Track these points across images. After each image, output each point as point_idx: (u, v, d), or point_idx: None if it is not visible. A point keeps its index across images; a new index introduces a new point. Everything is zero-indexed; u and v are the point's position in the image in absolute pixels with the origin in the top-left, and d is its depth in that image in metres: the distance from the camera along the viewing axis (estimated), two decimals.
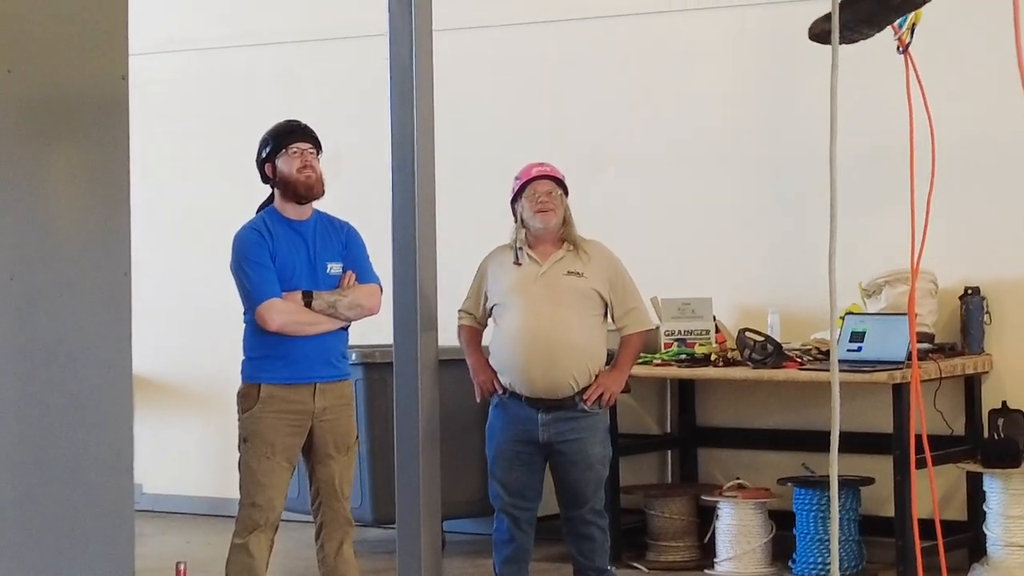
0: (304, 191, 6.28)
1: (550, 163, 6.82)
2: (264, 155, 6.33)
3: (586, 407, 6.49)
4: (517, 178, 6.70)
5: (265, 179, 6.37)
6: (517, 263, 6.62)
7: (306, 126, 6.40)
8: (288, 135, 6.33)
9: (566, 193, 6.68)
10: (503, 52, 9.07)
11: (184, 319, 9.66)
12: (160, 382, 9.91)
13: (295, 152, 6.27)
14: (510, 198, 6.69)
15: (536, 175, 6.68)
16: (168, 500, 9.52)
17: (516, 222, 6.64)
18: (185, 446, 9.92)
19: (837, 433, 3.78)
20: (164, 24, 9.41)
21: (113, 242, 4.89)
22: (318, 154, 6.36)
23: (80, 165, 5.01)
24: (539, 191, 6.61)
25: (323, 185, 6.32)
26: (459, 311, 6.72)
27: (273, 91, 9.61)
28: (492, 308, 6.64)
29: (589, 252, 6.62)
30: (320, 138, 6.46)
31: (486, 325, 6.75)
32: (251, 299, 6.24)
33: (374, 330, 6.73)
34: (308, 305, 6.28)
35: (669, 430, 8.72)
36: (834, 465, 3.80)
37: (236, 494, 6.83)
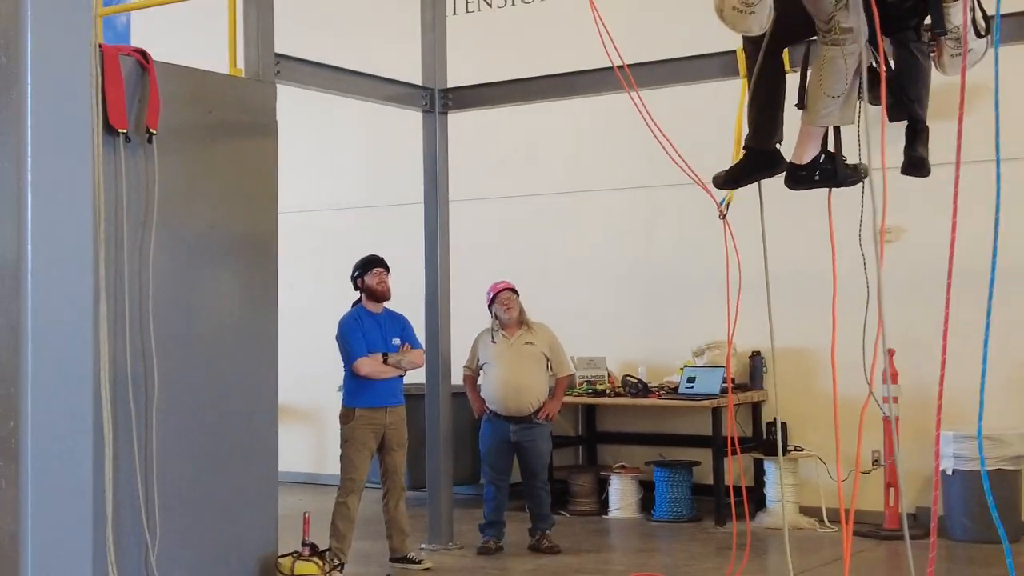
0: (380, 296, 7.56)
1: (506, 279, 8.23)
2: (357, 274, 7.61)
3: (538, 421, 8.03)
4: (489, 292, 8.12)
5: (356, 288, 7.63)
6: (493, 341, 8.07)
7: (382, 258, 7.68)
8: (373, 263, 7.61)
9: (518, 295, 8.14)
10: (492, 218, 10.35)
11: (307, 367, 10.52)
12: (290, 403, 10.41)
13: (375, 273, 7.57)
14: (487, 303, 8.14)
15: (500, 289, 8.08)
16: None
17: (492, 317, 8.11)
18: (292, 439, 10.25)
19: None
20: (290, 191, 9.46)
21: (265, 323, 6.13)
22: (387, 274, 7.63)
23: (241, 280, 6.06)
24: (502, 298, 8.04)
25: (390, 293, 7.59)
26: (463, 367, 8.30)
27: (344, 240, 10.88)
28: (482, 365, 8.13)
29: (536, 329, 8.13)
30: (389, 265, 7.69)
31: (479, 374, 8.18)
32: (351, 356, 7.38)
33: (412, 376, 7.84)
34: (385, 361, 7.41)
35: (581, 433, 10.05)
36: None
37: (328, 471, 8.92)
